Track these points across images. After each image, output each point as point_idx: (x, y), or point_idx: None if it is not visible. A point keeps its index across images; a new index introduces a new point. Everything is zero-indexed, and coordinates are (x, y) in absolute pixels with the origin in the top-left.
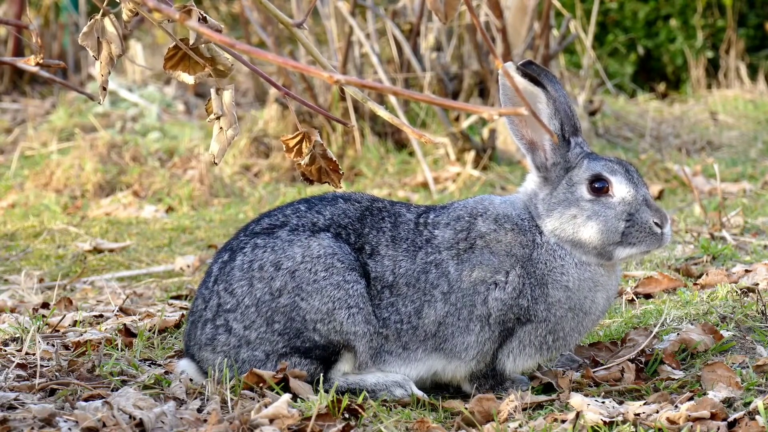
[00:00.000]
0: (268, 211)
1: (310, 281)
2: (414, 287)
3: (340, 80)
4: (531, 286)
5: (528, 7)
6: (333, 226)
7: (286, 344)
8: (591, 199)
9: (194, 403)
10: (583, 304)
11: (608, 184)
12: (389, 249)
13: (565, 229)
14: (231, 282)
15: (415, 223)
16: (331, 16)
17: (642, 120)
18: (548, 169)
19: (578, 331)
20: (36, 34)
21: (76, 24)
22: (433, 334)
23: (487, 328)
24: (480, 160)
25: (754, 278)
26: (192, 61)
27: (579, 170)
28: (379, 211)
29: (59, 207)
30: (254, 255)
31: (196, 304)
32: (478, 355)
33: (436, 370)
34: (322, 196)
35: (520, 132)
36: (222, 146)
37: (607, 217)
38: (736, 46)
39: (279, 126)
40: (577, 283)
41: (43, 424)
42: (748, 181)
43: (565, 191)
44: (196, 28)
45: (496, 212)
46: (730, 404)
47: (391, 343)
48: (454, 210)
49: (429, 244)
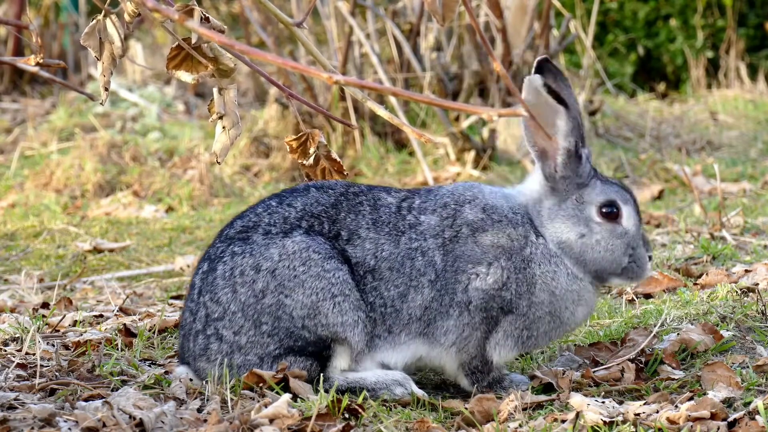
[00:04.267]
0: (241, 213)
1: (291, 277)
2: (398, 271)
3: (340, 81)
4: (518, 281)
5: (528, 6)
6: (306, 218)
7: (278, 345)
8: (599, 222)
9: (194, 403)
10: (562, 313)
11: (619, 212)
12: (370, 232)
13: (572, 246)
14: (215, 291)
15: (397, 207)
16: (331, 16)
17: (642, 120)
18: (557, 180)
19: (549, 336)
20: (36, 34)
21: (76, 24)
22: (418, 318)
23: (467, 314)
24: (480, 160)
25: (754, 278)
26: (195, 61)
27: (592, 191)
28: (355, 195)
29: (59, 207)
30: (234, 262)
31: (185, 318)
32: (458, 341)
33: (420, 355)
34: (294, 188)
35: (533, 139)
36: (224, 146)
37: (615, 247)
38: (736, 46)
39: (279, 126)
40: (563, 293)
41: (43, 424)
42: (748, 181)
43: (574, 207)
44: (196, 29)
45: (485, 201)
46: (730, 404)
47: (378, 327)
48: (441, 196)
49: (413, 229)
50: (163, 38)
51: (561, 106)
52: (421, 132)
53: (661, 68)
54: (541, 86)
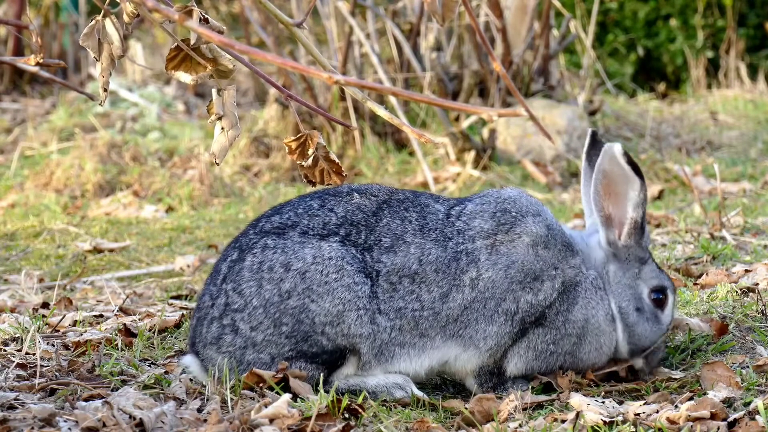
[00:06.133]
0: (280, 207)
1: (321, 282)
2: (443, 273)
3: (340, 81)
4: (561, 300)
5: (528, 6)
6: (345, 225)
7: (293, 347)
8: (649, 304)
9: (194, 403)
10: (585, 344)
11: (665, 301)
12: (416, 237)
13: (629, 315)
14: (240, 282)
15: (446, 214)
16: (331, 16)
17: (642, 120)
18: (618, 248)
19: (565, 359)
20: (36, 34)
21: (76, 24)
22: (455, 319)
23: (510, 324)
24: (480, 160)
25: (754, 278)
26: (194, 62)
27: (649, 271)
28: (400, 202)
29: (59, 207)
30: (264, 256)
31: (203, 300)
32: (494, 347)
33: (448, 359)
34: (336, 190)
35: (601, 204)
36: (223, 146)
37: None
38: (736, 46)
39: (279, 126)
40: (596, 324)
41: (43, 424)
42: (748, 181)
43: (631, 281)
44: (195, 29)
45: (549, 221)
46: (730, 404)
47: (405, 334)
48: (499, 202)
49: (461, 234)
50: (163, 38)
51: (637, 177)
52: (421, 132)
53: (661, 68)
54: (621, 155)
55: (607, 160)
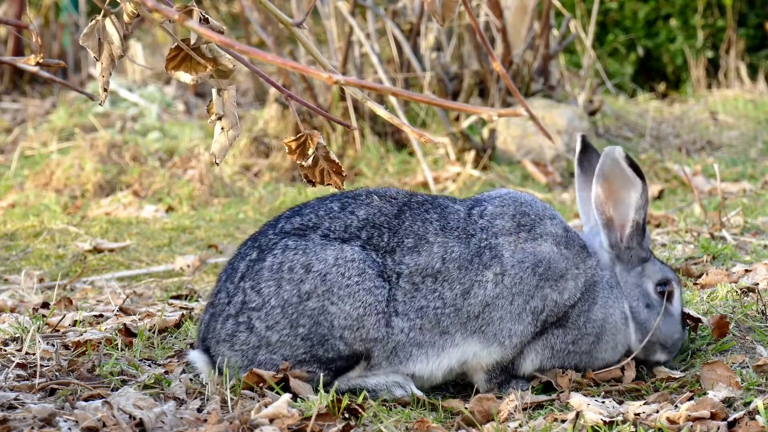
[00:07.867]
0: (300, 208)
1: (343, 285)
2: (466, 269)
3: (340, 81)
4: (582, 300)
5: (528, 6)
6: (367, 228)
7: (308, 351)
8: (657, 299)
9: (194, 402)
10: (603, 342)
11: (672, 293)
12: (439, 237)
13: (640, 313)
14: (259, 281)
15: (467, 213)
16: (331, 16)
17: (642, 120)
18: (621, 250)
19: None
20: (36, 33)
21: (76, 24)
22: (476, 316)
23: (535, 322)
24: (480, 160)
25: (754, 278)
26: (194, 62)
27: (652, 267)
28: (420, 204)
29: (59, 207)
30: (284, 257)
31: (219, 297)
32: (518, 345)
33: (467, 357)
34: (355, 193)
35: (602, 208)
36: (223, 146)
37: (670, 325)
38: (736, 46)
39: (279, 126)
40: (613, 323)
41: (43, 424)
42: (748, 181)
43: (637, 279)
44: (195, 29)
45: (566, 224)
46: (730, 404)
47: (425, 333)
48: (517, 205)
49: (484, 231)
50: (163, 38)
51: (639, 179)
52: (421, 132)
53: (661, 68)
54: (622, 158)
55: (608, 164)
